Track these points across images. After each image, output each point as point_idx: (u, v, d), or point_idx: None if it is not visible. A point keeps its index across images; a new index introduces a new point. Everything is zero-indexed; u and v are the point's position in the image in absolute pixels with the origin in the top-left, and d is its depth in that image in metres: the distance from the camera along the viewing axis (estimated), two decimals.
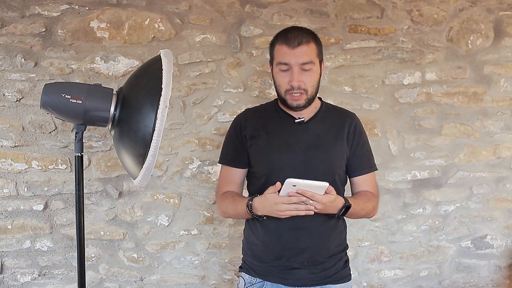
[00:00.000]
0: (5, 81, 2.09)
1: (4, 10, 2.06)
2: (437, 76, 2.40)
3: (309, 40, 1.40)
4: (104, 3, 2.13)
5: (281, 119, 1.50)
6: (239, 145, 1.52)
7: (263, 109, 1.57)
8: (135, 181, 1.21)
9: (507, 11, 2.42)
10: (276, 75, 1.44)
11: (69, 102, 1.15)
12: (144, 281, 2.31)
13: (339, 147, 1.48)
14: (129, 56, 2.16)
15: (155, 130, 1.11)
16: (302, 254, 1.44)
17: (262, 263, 1.48)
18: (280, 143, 1.46)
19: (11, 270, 2.21)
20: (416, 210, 2.46)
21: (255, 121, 1.53)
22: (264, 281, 1.48)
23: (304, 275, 1.45)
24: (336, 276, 1.48)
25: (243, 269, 1.55)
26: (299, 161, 1.43)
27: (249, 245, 1.53)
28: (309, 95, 1.41)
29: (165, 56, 1.19)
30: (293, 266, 1.44)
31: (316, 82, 1.43)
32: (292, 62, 1.38)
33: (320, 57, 1.45)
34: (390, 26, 2.34)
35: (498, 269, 2.59)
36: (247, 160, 1.52)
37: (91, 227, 2.22)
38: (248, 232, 1.54)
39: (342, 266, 1.52)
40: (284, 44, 1.39)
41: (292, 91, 1.40)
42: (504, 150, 2.48)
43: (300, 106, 1.43)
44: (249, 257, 1.53)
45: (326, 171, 1.44)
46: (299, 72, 1.38)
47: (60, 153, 2.16)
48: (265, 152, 1.47)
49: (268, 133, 1.49)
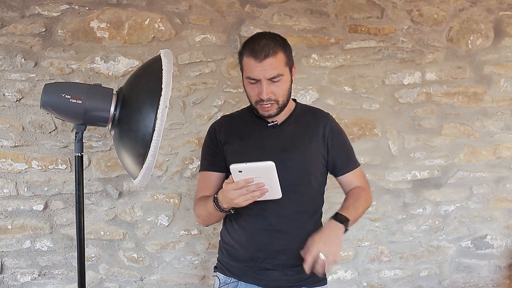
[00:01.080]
0: (5, 81, 2.09)
1: (4, 10, 2.06)
2: (437, 76, 2.40)
3: (276, 50, 1.36)
4: (104, 3, 2.13)
5: (254, 124, 1.50)
6: (215, 149, 1.52)
7: (237, 115, 1.58)
8: (135, 181, 1.21)
9: (507, 11, 2.43)
10: (246, 86, 1.43)
11: (69, 102, 1.15)
12: (144, 281, 2.31)
13: (314, 148, 1.47)
14: (129, 56, 2.16)
15: (155, 130, 1.11)
16: (277, 256, 1.43)
17: (237, 263, 1.48)
18: (254, 147, 1.46)
19: (11, 270, 2.21)
20: (416, 210, 2.46)
21: (229, 127, 1.53)
22: (239, 281, 1.47)
23: (278, 277, 1.44)
24: (311, 279, 1.45)
25: (218, 269, 1.54)
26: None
27: (225, 245, 1.53)
28: (280, 104, 1.41)
29: (165, 56, 1.19)
30: (267, 267, 1.44)
31: (287, 90, 1.41)
32: (260, 76, 1.35)
33: (290, 64, 1.41)
34: (390, 26, 2.34)
35: (498, 269, 2.59)
36: (224, 164, 1.50)
37: (91, 227, 2.22)
38: (224, 233, 1.54)
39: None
40: (251, 57, 1.35)
41: (262, 103, 1.38)
42: (504, 150, 2.48)
43: (271, 115, 1.43)
44: (225, 257, 1.52)
45: (301, 172, 1.43)
46: (268, 84, 1.36)
47: (60, 153, 2.16)
48: (239, 156, 1.44)
49: (242, 137, 1.49)
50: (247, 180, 1.23)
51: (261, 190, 1.24)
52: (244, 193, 1.24)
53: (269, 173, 1.23)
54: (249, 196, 1.25)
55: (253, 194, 1.24)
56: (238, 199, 1.26)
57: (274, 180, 1.25)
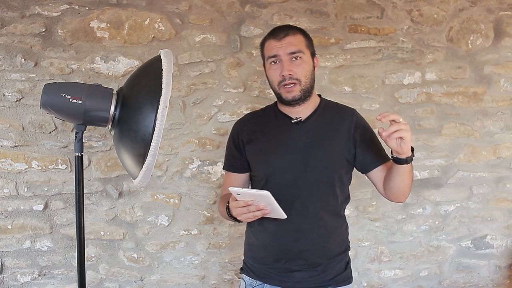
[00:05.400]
0: (5, 81, 2.09)
1: (4, 10, 2.07)
2: (437, 76, 2.40)
3: (296, 32, 1.41)
4: (104, 3, 2.13)
5: (278, 121, 1.48)
6: (236, 150, 1.52)
7: (261, 112, 1.57)
8: (135, 181, 1.21)
9: (507, 11, 2.43)
10: (268, 71, 1.44)
11: (69, 102, 1.15)
12: (144, 281, 2.31)
13: (338, 145, 1.44)
14: (129, 56, 2.16)
15: (155, 130, 1.11)
16: (300, 256, 1.42)
17: (261, 265, 1.47)
18: (276, 145, 1.44)
19: (11, 270, 2.21)
20: (416, 210, 2.46)
21: (253, 125, 1.52)
22: (264, 283, 1.46)
23: (303, 278, 1.43)
24: (336, 279, 1.44)
25: (243, 271, 1.54)
26: (296, 161, 1.41)
27: (249, 246, 1.53)
28: (302, 86, 1.39)
29: (165, 56, 1.19)
30: (292, 269, 1.43)
31: (309, 72, 1.40)
32: (280, 52, 1.38)
33: (311, 49, 1.43)
34: (390, 26, 2.34)
35: (498, 269, 2.59)
36: (245, 165, 1.51)
37: (91, 227, 2.22)
38: (248, 234, 1.54)
39: (343, 268, 1.48)
40: (271, 38, 1.41)
41: (284, 82, 1.38)
42: (504, 150, 2.48)
43: (296, 99, 1.40)
44: (249, 259, 1.52)
45: (325, 170, 1.40)
46: (288, 62, 1.37)
47: (60, 153, 2.16)
48: (262, 155, 1.46)
49: (265, 135, 1.47)
50: (246, 202, 1.25)
51: (262, 211, 1.25)
52: (245, 211, 1.26)
53: (266, 199, 1.23)
54: (250, 215, 1.26)
55: (255, 214, 1.26)
56: (240, 217, 1.28)
57: (274, 205, 1.25)
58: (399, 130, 1.21)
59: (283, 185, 1.40)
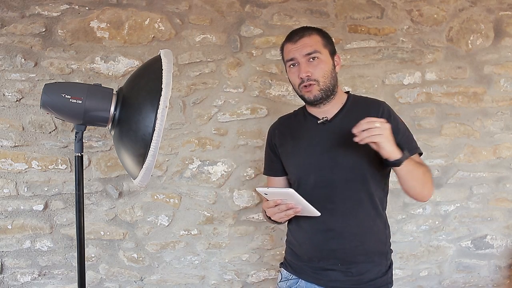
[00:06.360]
0: (5, 81, 2.09)
1: (4, 10, 2.07)
2: (437, 76, 2.40)
3: (312, 32, 1.43)
4: (104, 3, 2.13)
5: (307, 122, 1.50)
6: (272, 154, 1.57)
7: (293, 115, 1.59)
8: (135, 181, 1.21)
9: (507, 11, 2.42)
10: (289, 74, 1.46)
11: (69, 102, 1.15)
12: (144, 281, 2.31)
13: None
14: (129, 56, 2.16)
15: (155, 130, 1.11)
16: (333, 256, 1.41)
17: (298, 262, 1.51)
18: (305, 146, 1.46)
19: (11, 270, 2.21)
20: (416, 210, 2.46)
21: (284, 128, 1.55)
22: (299, 278, 1.49)
23: (337, 277, 1.42)
24: (373, 283, 1.40)
25: (282, 265, 1.58)
26: (324, 162, 1.40)
27: (288, 243, 1.57)
28: (321, 86, 1.39)
29: (165, 56, 1.19)
30: (325, 267, 1.43)
31: (328, 72, 1.40)
32: (296, 55, 1.40)
33: (329, 48, 1.44)
34: (390, 26, 2.34)
35: (498, 269, 2.59)
36: (281, 168, 1.54)
37: (91, 227, 2.22)
38: (288, 231, 1.58)
39: (383, 272, 1.44)
40: (288, 42, 1.45)
41: (304, 84, 1.40)
42: (504, 150, 2.48)
43: (317, 99, 1.41)
44: (288, 255, 1.56)
45: (354, 168, 1.38)
46: (305, 63, 1.39)
47: (60, 153, 2.16)
48: (292, 157, 1.49)
49: (294, 138, 1.50)
50: (275, 201, 1.29)
51: (294, 209, 1.28)
52: (277, 211, 1.30)
53: (293, 197, 1.26)
54: (282, 215, 1.30)
55: (287, 213, 1.29)
56: (274, 216, 1.33)
57: (303, 203, 1.27)
58: (372, 136, 1.19)
59: (313, 186, 1.41)
